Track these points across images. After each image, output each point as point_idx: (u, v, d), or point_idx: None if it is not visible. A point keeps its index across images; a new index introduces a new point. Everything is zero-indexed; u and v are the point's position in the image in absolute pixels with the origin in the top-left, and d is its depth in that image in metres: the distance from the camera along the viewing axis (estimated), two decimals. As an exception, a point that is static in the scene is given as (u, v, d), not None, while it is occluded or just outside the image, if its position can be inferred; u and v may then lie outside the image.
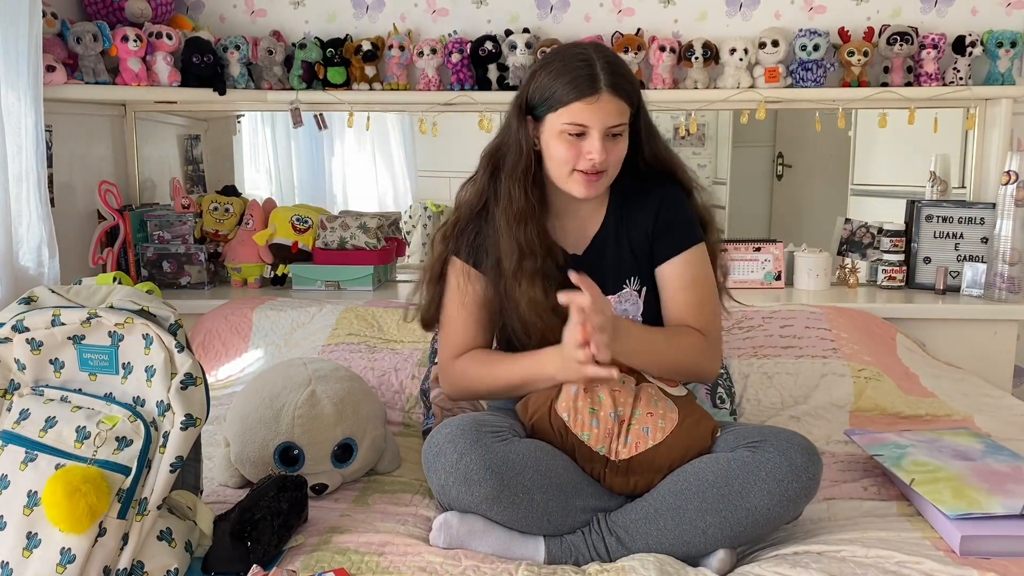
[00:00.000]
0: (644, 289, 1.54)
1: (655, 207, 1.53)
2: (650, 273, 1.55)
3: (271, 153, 3.28)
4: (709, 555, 1.31)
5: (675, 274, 1.52)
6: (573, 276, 1.31)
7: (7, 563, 1.12)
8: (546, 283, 1.45)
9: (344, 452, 1.53)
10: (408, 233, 3.13)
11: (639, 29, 2.57)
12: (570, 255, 1.53)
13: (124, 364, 1.22)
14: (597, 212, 1.56)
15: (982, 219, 2.52)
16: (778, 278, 2.63)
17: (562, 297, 1.32)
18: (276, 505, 1.29)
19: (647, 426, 1.38)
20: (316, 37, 2.62)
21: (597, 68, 1.40)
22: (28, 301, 1.27)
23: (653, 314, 1.55)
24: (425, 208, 3.20)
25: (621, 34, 2.54)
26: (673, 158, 1.56)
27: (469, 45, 2.55)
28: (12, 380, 1.26)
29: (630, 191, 1.56)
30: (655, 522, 1.31)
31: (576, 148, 1.42)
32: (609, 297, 1.51)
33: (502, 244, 1.47)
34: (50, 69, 2.24)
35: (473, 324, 1.54)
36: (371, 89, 2.59)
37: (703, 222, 1.56)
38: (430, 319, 1.61)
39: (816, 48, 2.47)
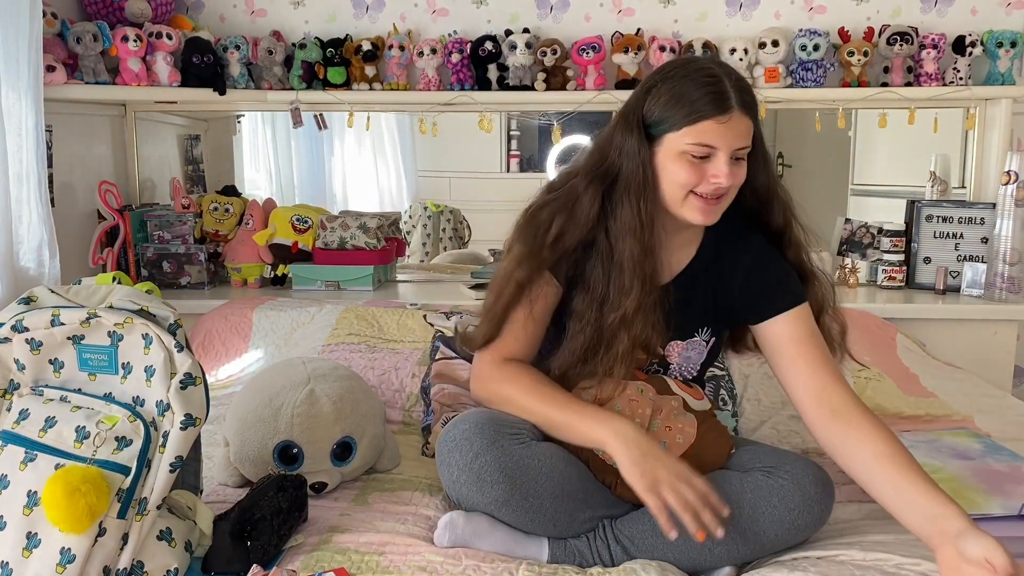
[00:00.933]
0: (714, 339, 1.47)
1: (747, 264, 1.42)
2: (722, 327, 1.48)
3: (271, 153, 3.28)
4: (714, 571, 1.31)
5: (787, 333, 1.37)
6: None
7: (7, 563, 1.12)
8: (653, 319, 1.34)
9: (343, 451, 1.53)
10: (408, 233, 3.13)
11: (639, 29, 2.57)
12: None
13: (124, 364, 1.22)
14: (690, 244, 1.45)
15: (982, 219, 2.52)
16: (778, 278, 2.63)
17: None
18: (276, 504, 1.29)
19: (664, 440, 1.35)
20: (316, 37, 2.62)
21: (727, 85, 1.29)
22: (28, 301, 1.27)
23: (711, 360, 1.50)
24: (425, 208, 3.21)
25: (621, 34, 2.54)
26: (773, 193, 1.42)
27: (469, 45, 2.55)
28: (12, 380, 1.26)
29: (727, 232, 1.44)
30: (662, 536, 1.28)
31: (699, 171, 1.30)
32: (677, 342, 1.44)
33: (624, 278, 1.33)
34: (50, 69, 2.24)
35: (530, 335, 1.42)
36: (371, 89, 2.59)
37: (802, 276, 1.43)
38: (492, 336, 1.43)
39: (816, 48, 2.47)
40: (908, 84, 2.51)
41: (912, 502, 1.18)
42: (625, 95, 1.50)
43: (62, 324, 1.21)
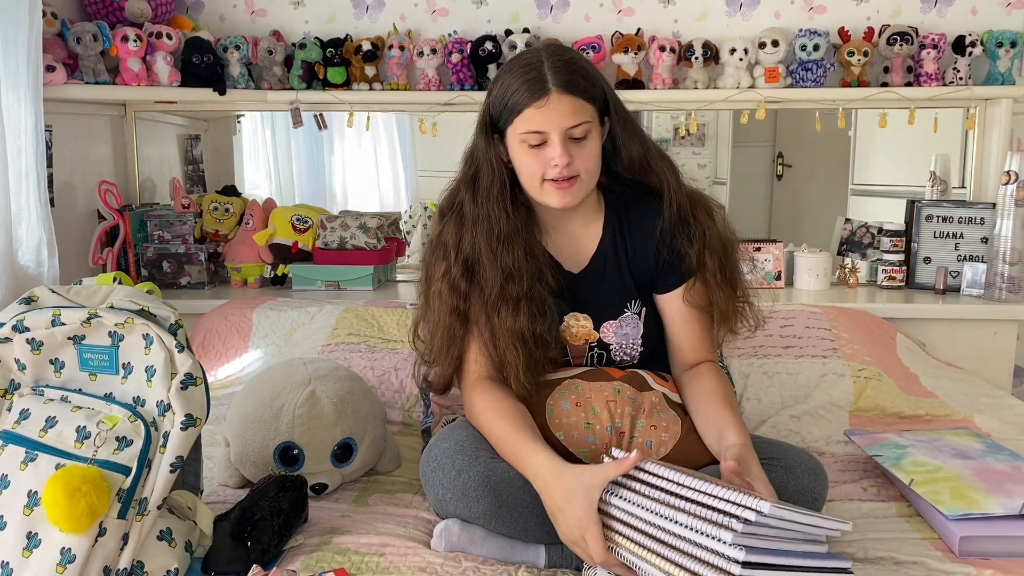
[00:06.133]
0: (644, 310, 1.49)
1: (654, 234, 1.46)
2: (650, 296, 1.50)
3: (271, 153, 3.28)
4: None
5: (679, 307, 1.47)
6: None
7: (7, 563, 1.12)
8: (532, 309, 1.38)
9: (344, 452, 1.53)
10: (408, 233, 3.13)
11: (639, 29, 2.57)
12: (567, 272, 1.48)
13: (124, 364, 1.22)
14: (591, 227, 1.49)
15: (982, 219, 2.52)
16: (778, 278, 2.63)
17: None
18: (276, 505, 1.29)
19: (650, 439, 1.35)
20: (316, 37, 2.62)
21: (545, 69, 1.33)
22: (28, 301, 1.27)
23: (651, 334, 1.50)
24: (425, 208, 3.20)
25: (621, 34, 2.54)
26: (649, 160, 1.45)
27: (469, 45, 2.55)
28: (12, 380, 1.26)
29: (625, 206, 1.49)
30: None
31: (540, 158, 1.35)
32: (610, 322, 1.47)
33: (486, 270, 1.40)
34: (50, 69, 2.24)
35: (488, 346, 1.43)
36: (371, 89, 2.59)
37: (695, 228, 1.45)
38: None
39: (816, 48, 2.47)
40: (908, 84, 2.51)
41: (711, 423, 1.35)
42: (625, 96, 1.51)
43: (63, 324, 1.21)
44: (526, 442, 1.29)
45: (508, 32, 2.55)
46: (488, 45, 2.52)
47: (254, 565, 1.21)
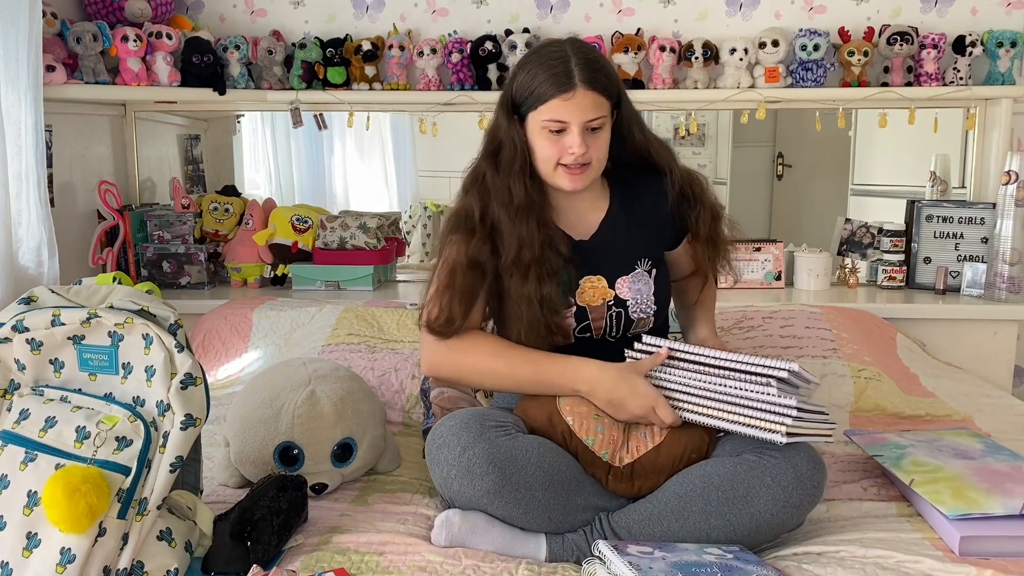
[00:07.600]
0: (654, 270, 1.56)
1: (668, 201, 1.57)
2: (659, 254, 1.59)
3: (271, 153, 3.28)
4: None
5: (684, 246, 1.64)
6: None
7: (7, 563, 1.12)
8: (541, 272, 1.46)
9: (344, 452, 1.53)
10: (408, 233, 3.13)
11: (639, 29, 2.57)
12: (577, 242, 1.54)
13: (124, 364, 1.22)
14: (599, 202, 1.58)
15: (982, 219, 2.52)
16: (778, 278, 2.63)
17: None
18: (276, 505, 1.29)
19: (644, 431, 1.39)
20: (316, 37, 2.62)
21: (572, 64, 1.42)
22: (28, 301, 1.27)
23: (662, 295, 1.57)
24: (425, 208, 3.21)
25: (621, 34, 2.54)
26: (650, 147, 1.57)
27: (469, 45, 2.55)
28: (12, 380, 1.26)
29: (630, 180, 1.59)
30: (658, 524, 1.31)
31: (558, 144, 1.44)
32: (622, 278, 1.53)
33: (504, 238, 1.48)
34: (50, 69, 2.24)
35: (482, 307, 1.51)
36: (371, 89, 2.59)
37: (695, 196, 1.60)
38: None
39: (816, 48, 2.47)
40: (908, 84, 2.51)
41: (686, 319, 1.71)
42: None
43: (62, 324, 1.21)
44: (553, 357, 1.44)
45: (508, 32, 2.55)
46: (488, 45, 2.52)
47: (254, 565, 1.21)
